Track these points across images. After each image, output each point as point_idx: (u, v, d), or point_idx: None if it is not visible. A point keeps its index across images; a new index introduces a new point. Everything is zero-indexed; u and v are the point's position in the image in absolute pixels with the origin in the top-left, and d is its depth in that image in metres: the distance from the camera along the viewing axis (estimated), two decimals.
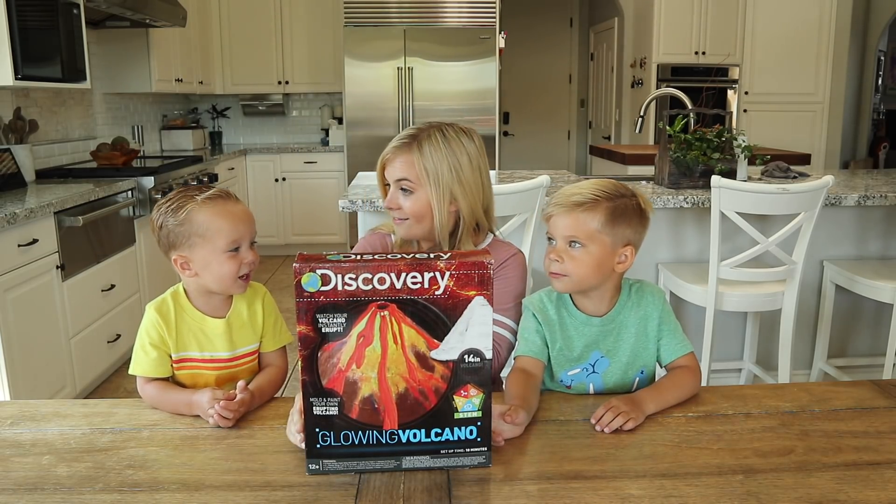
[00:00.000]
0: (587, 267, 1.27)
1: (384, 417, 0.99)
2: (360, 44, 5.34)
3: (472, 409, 0.99)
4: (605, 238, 1.26)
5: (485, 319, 0.96)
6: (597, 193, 1.27)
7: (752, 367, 2.94)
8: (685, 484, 1.00)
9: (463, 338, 0.95)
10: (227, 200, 1.27)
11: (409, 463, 1.01)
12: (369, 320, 0.95)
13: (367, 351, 0.96)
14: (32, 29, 3.09)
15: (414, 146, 1.41)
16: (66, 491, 0.99)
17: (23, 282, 2.62)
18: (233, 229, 1.26)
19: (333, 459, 1.00)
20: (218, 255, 1.25)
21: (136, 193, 3.62)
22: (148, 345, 1.29)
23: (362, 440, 0.99)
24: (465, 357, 0.97)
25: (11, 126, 3.43)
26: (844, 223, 2.92)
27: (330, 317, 0.95)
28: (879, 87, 7.39)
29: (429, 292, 0.95)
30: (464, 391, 0.98)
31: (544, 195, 2.37)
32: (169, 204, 1.27)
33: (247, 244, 1.28)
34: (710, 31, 5.86)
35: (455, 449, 1.01)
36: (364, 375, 0.97)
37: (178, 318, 1.30)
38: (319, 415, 0.98)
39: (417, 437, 1.00)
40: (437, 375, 0.97)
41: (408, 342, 0.96)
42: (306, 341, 0.96)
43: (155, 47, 4.67)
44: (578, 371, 1.34)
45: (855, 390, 1.32)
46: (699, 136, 2.86)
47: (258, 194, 5.85)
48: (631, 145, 5.63)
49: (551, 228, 1.30)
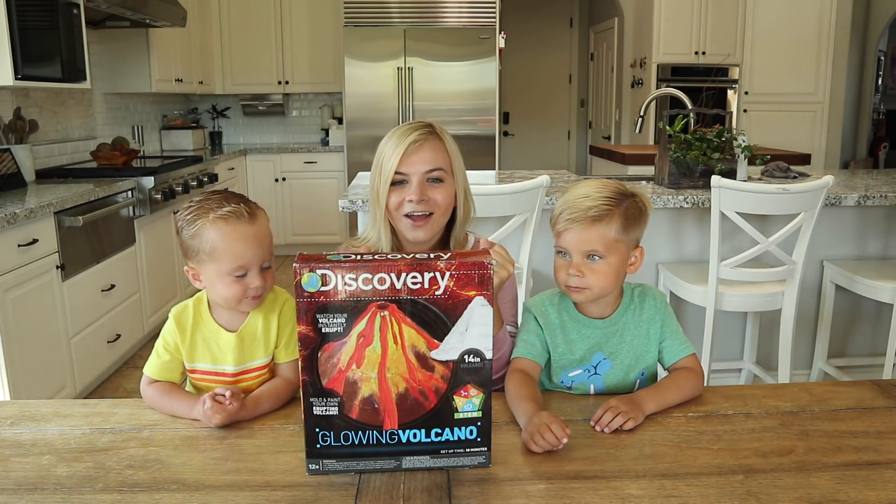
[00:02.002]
0: (608, 278, 1.27)
1: (384, 417, 0.98)
2: (360, 44, 5.34)
3: (472, 409, 0.99)
4: (621, 245, 1.27)
5: (485, 320, 0.95)
6: (609, 202, 1.26)
7: (752, 367, 2.94)
8: (685, 484, 1.00)
9: (463, 338, 0.95)
10: (240, 221, 1.19)
11: (409, 463, 1.00)
12: (369, 320, 0.95)
13: (367, 351, 0.96)
14: (32, 29, 3.09)
15: (436, 134, 1.37)
16: (66, 491, 0.99)
17: (23, 282, 2.62)
18: (239, 255, 1.20)
19: (333, 459, 1.00)
20: (223, 277, 1.21)
21: (136, 193, 3.62)
22: (162, 348, 1.28)
23: (362, 440, 0.99)
24: (465, 357, 0.97)
25: (11, 126, 3.43)
26: (844, 223, 2.92)
27: (330, 317, 0.95)
28: (879, 87, 7.39)
29: (429, 292, 0.94)
30: (464, 391, 0.98)
31: (544, 195, 2.37)
32: (188, 212, 1.22)
33: (256, 269, 1.22)
34: (710, 31, 5.86)
35: (455, 449, 1.00)
36: (364, 375, 0.97)
37: (194, 327, 1.28)
38: (319, 415, 0.98)
39: (417, 437, 1.00)
40: (437, 375, 0.97)
41: (408, 342, 0.96)
42: (306, 341, 0.96)
43: (155, 47, 4.67)
44: (580, 372, 1.34)
45: (855, 390, 1.32)
46: (699, 136, 2.86)
47: (258, 194, 5.84)
48: (631, 145, 5.63)
49: (566, 243, 1.27)
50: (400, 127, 1.38)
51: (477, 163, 4.86)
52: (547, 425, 1.06)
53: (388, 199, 1.35)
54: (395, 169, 1.33)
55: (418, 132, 1.35)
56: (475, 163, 4.16)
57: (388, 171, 1.34)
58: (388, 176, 1.34)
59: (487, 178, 3.38)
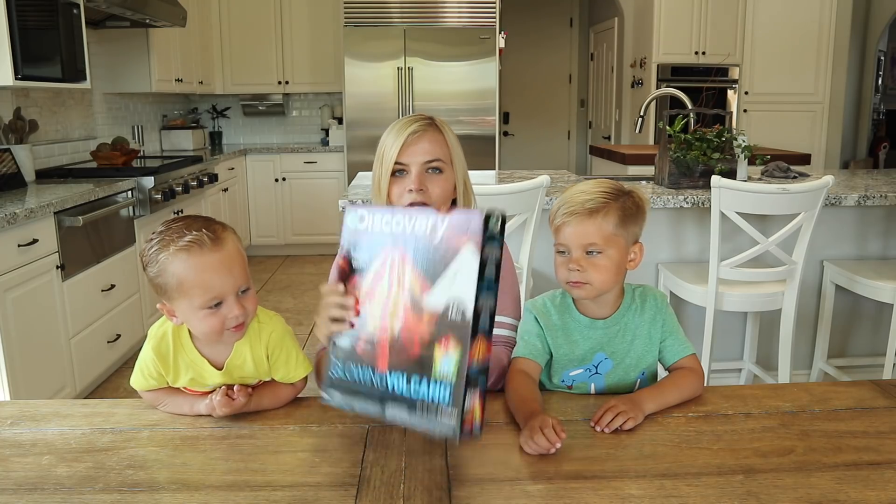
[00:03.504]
0: (608, 272, 1.27)
1: (378, 358, 1.09)
2: (360, 44, 5.34)
3: (448, 370, 1.03)
4: (620, 240, 1.27)
5: (471, 270, 1.02)
6: (605, 195, 1.27)
7: (752, 367, 2.94)
8: (685, 484, 1.00)
9: (451, 285, 1.04)
10: (203, 250, 1.10)
11: (391, 413, 1.07)
12: (383, 260, 1.10)
13: (379, 288, 1.10)
14: (32, 29, 3.09)
15: (435, 126, 1.40)
16: (66, 491, 0.99)
17: (23, 282, 2.62)
18: (209, 286, 1.11)
19: (339, 392, 1.12)
20: (196, 312, 1.13)
21: (136, 193, 3.63)
22: (146, 371, 1.23)
23: (360, 378, 1.10)
24: (449, 313, 1.03)
25: (11, 126, 3.43)
26: (844, 223, 2.92)
27: (360, 252, 1.13)
28: (879, 87, 7.40)
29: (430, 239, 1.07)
30: (444, 341, 1.03)
31: (544, 195, 2.37)
32: (150, 246, 1.13)
33: (232, 298, 1.13)
34: (710, 31, 5.86)
35: (429, 410, 1.04)
36: (372, 312, 1.10)
37: (176, 355, 1.21)
38: (339, 346, 1.12)
39: (400, 384, 1.06)
40: (424, 322, 1.05)
41: (407, 286, 1.07)
42: (342, 273, 1.14)
43: (155, 47, 4.67)
44: (581, 371, 1.34)
45: (855, 390, 1.32)
46: (699, 136, 2.86)
47: (258, 194, 5.85)
48: (631, 145, 5.63)
49: (565, 238, 1.27)
50: (401, 119, 1.42)
51: (477, 163, 4.85)
52: (541, 428, 1.07)
53: (390, 189, 1.39)
54: (395, 159, 1.37)
55: (418, 123, 1.39)
56: (475, 163, 4.15)
57: (388, 161, 1.38)
58: (389, 166, 1.38)
59: (487, 178, 3.38)
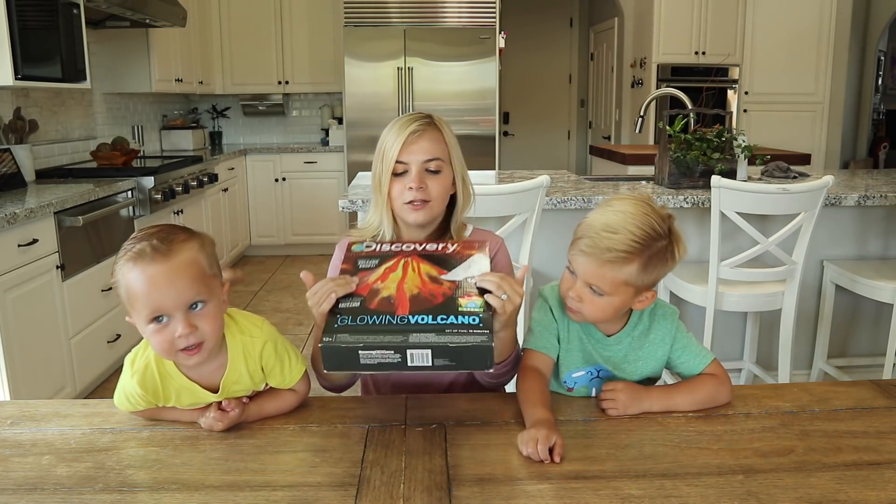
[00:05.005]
0: (605, 313, 1.24)
1: (397, 306, 1.10)
2: (360, 44, 5.34)
3: (475, 306, 1.10)
4: (629, 288, 1.21)
5: (483, 264, 1.18)
6: (632, 245, 1.16)
7: (752, 367, 2.94)
8: (685, 484, 1.00)
9: (467, 270, 1.15)
10: (147, 260, 1.05)
11: (415, 339, 1.05)
12: (396, 262, 1.18)
13: (391, 275, 1.16)
14: (32, 29, 3.09)
15: (434, 125, 1.42)
16: (66, 491, 0.99)
17: (23, 282, 2.62)
18: (148, 299, 1.05)
19: (346, 333, 1.07)
20: (144, 327, 1.07)
21: (136, 193, 3.62)
22: (133, 402, 1.17)
23: (376, 321, 1.08)
24: (468, 279, 1.14)
25: (11, 126, 3.43)
26: (844, 223, 2.92)
27: (367, 261, 1.19)
28: (879, 87, 7.40)
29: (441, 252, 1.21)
30: (468, 296, 1.11)
31: (544, 195, 2.37)
32: (115, 258, 1.10)
33: (180, 314, 1.05)
34: (710, 31, 5.86)
35: (459, 330, 1.07)
36: (385, 286, 1.14)
37: (165, 386, 1.15)
38: (343, 307, 1.11)
39: (425, 320, 1.08)
40: (445, 286, 1.13)
41: (423, 270, 1.16)
42: (343, 273, 1.17)
43: (155, 47, 4.67)
44: (583, 374, 1.33)
45: (855, 390, 1.32)
46: (699, 136, 2.86)
47: (258, 194, 5.85)
48: (631, 145, 5.63)
49: (575, 265, 1.23)
50: (401, 117, 1.44)
51: (477, 163, 4.86)
52: (535, 442, 1.06)
53: (391, 188, 1.41)
54: (396, 158, 1.40)
55: (417, 122, 1.41)
56: (475, 163, 4.15)
57: (389, 160, 1.40)
58: (390, 165, 1.40)
59: (487, 178, 3.38)
